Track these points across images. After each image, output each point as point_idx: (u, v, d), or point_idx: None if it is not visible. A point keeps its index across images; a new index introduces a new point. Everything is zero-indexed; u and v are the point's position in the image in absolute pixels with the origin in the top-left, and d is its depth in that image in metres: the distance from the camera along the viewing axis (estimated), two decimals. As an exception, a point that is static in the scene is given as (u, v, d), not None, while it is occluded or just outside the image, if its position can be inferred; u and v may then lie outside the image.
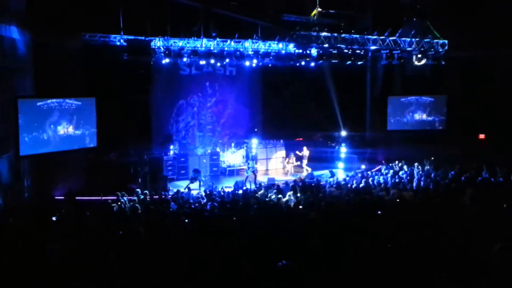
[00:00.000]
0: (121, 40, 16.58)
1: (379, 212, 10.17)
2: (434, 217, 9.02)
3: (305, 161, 20.23)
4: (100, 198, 13.49)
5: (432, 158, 17.98)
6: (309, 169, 19.65)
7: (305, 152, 20.23)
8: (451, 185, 13.27)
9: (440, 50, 20.32)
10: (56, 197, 14.58)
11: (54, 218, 10.79)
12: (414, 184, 14.23)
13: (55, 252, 7.17)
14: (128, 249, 7.52)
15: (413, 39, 20.02)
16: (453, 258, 6.34)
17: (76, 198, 13.49)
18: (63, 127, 14.91)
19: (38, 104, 14.28)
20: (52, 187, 15.05)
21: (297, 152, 20.33)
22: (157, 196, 13.83)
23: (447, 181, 14.02)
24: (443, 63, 20.36)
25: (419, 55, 20.46)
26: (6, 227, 9.81)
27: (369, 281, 5.78)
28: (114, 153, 17.61)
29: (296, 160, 20.52)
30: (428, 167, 17.23)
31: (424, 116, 21.39)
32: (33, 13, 14.23)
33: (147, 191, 13.88)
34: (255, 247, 7.01)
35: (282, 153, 21.47)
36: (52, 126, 14.58)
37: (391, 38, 19.76)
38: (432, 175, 15.26)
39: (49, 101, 14.51)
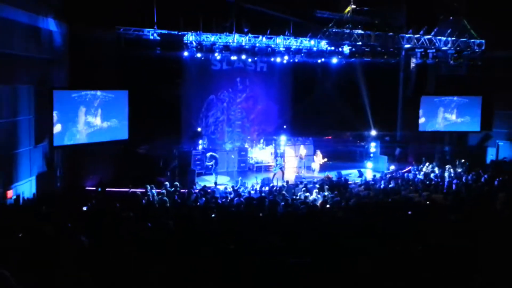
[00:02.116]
0: (155, 34, 16.75)
1: (409, 212, 10.02)
2: (465, 221, 8.82)
3: (303, 161, 20.11)
4: (128, 190, 13.69)
5: (463, 160, 17.58)
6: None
7: (302, 151, 20.06)
8: (484, 189, 12.96)
9: (477, 49, 19.79)
10: (87, 188, 14.87)
11: (84, 208, 11.01)
12: (445, 187, 13.95)
13: (84, 242, 7.30)
14: (156, 241, 7.60)
15: (449, 38, 19.55)
16: (482, 263, 6.19)
17: (107, 189, 13.73)
18: (96, 118, 15.17)
19: (73, 95, 14.57)
20: (83, 178, 15.37)
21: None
22: (185, 190, 13.96)
23: (479, 184, 13.70)
24: (480, 63, 19.83)
25: (455, 55, 19.98)
26: (38, 214, 10.06)
27: (395, 282, 5.70)
28: (144, 146, 17.84)
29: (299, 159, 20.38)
30: (460, 170, 16.86)
31: (456, 117, 20.87)
32: (70, 5, 14.53)
33: (177, 184, 14.01)
34: (281, 245, 6.99)
35: (310, 151, 21.32)
36: (85, 117, 14.86)
37: (426, 37, 19.35)
38: (464, 178, 14.93)
39: (83, 92, 14.78)
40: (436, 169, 17.30)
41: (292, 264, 5.96)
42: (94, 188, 14.20)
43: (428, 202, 11.45)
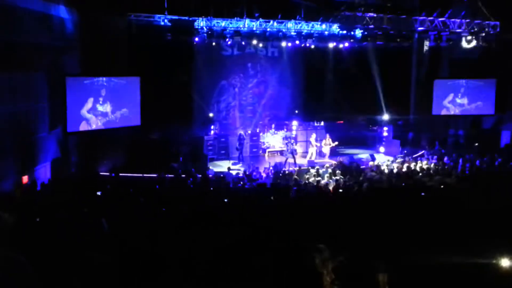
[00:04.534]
0: (165, 20, 16.74)
1: (422, 194, 10.01)
2: (477, 204, 8.78)
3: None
4: (142, 175, 13.76)
5: (476, 144, 17.43)
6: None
7: (313, 139, 19.61)
8: (497, 173, 12.88)
9: (492, 32, 19.47)
10: (100, 173, 15.01)
11: (99, 193, 11.13)
12: (458, 171, 13.88)
13: (105, 225, 7.39)
14: (170, 226, 7.68)
15: (463, 20, 19.25)
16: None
17: (120, 174, 13.85)
18: (108, 105, 15.27)
19: (85, 82, 14.66)
20: (97, 164, 15.49)
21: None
22: (199, 175, 14.04)
23: (493, 168, 13.61)
24: (494, 45, 19.53)
25: (469, 37, 19.69)
26: (51, 200, 10.20)
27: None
28: (157, 132, 17.93)
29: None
30: (473, 154, 16.74)
31: (470, 101, 20.62)
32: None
33: (189, 170, 14.10)
34: (293, 230, 7.02)
35: (322, 136, 21.21)
36: (97, 104, 14.97)
37: (439, 19, 19.08)
38: (478, 162, 14.83)
39: (95, 79, 14.87)
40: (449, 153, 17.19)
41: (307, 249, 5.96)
42: (108, 174, 14.33)
43: (442, 186, 11.41)
